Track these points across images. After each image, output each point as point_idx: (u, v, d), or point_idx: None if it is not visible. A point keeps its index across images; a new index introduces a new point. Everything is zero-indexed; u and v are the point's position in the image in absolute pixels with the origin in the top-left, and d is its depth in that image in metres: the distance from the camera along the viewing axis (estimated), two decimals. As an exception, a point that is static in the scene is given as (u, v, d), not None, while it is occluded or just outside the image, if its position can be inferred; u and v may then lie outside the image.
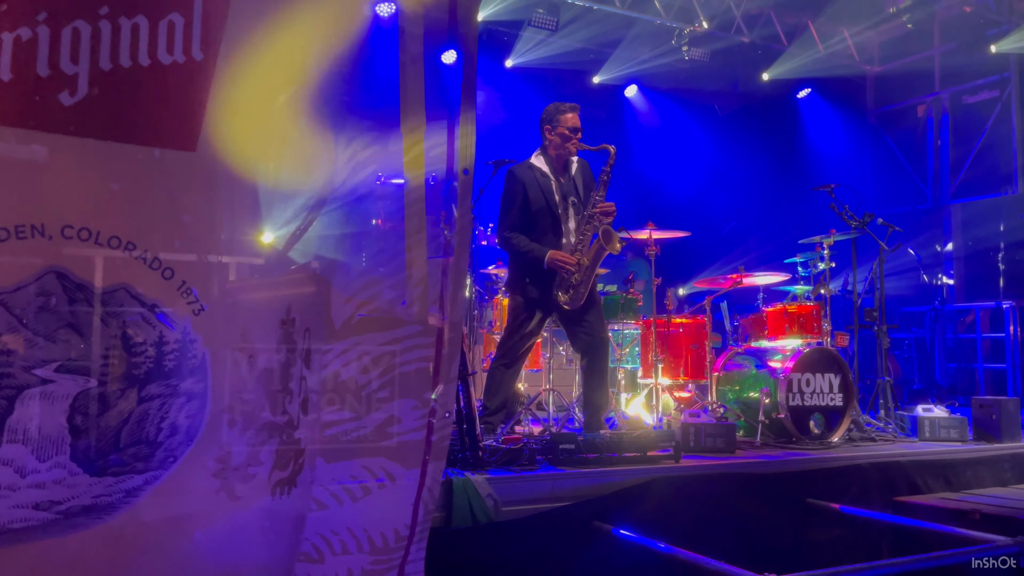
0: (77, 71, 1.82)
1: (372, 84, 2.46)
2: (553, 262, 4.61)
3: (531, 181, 4.75)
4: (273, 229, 2.44)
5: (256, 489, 2.13)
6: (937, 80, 10.62)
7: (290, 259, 2.39)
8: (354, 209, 2.45)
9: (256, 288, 2.15)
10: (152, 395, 1.95)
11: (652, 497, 3.98)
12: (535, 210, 4.73)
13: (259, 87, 2.12)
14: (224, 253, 2.08)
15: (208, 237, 2.05)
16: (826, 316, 5.90)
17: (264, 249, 2.23)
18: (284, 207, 2.22)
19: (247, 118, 2.10)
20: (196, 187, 2.01)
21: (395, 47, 2.90)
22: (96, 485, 1.93)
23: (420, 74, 2.92)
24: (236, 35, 2.03)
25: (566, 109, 4.83)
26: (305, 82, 2.21)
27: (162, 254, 1.95)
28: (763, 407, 5.24)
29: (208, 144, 2.00)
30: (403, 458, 2.34)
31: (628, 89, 10.97)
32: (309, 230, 2.62)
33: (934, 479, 4.81)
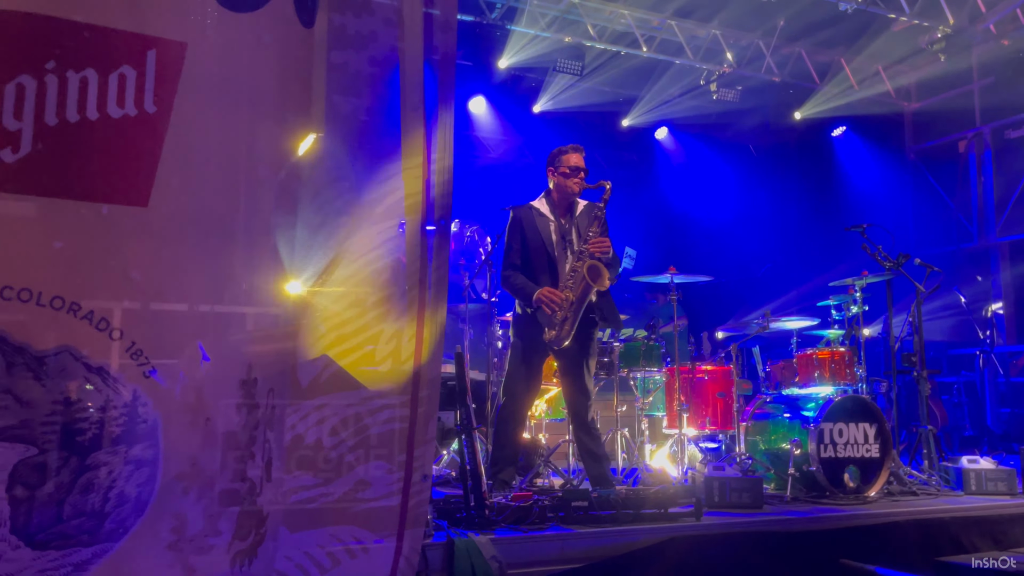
0: (20, 127, 1.77)
1: (346, 129, 2.39)
2: (540, 299, 4.57)
3: (529, 221, 4.77)
4: (239, 280, 2.35)
5: (214, 561, 2.01)
6: (978, 115, 10.33)
7: (258, 311, 2.29)
8: (326, 257, 2.36)
9: (214, 346, 2.05)
10: (98, 463, 1.85)
11: (670, 558, 3.76)
12: (532, 249, 4.74)
13: (216, 139, 2.05)
14: (180, 307, 1.99)
15: (160, 293, 1.97)
16: (860, 362, 5.63)
17: (227, 301, 2.14)
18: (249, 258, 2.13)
19: (205, 170, 2.03)
20: (147, 242, 1.94)
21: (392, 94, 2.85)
22: (40, 559, 1.83)
23: (420, 120, 2.85)
24: (193, 86, 1.96)
25: (568, 150, 4.85)
26: (270, 128, 2.14)
27: (110, 314, 1.86)
28: (793, 459, 4.98)
29: (161, 198, 1.93)
30: (375, 525, 2.20)
31: (658, 131, 10.88)
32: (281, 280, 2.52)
33: (980, 537, 4.48)
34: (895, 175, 11.16)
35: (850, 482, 5.00)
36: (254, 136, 2.12)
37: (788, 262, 10.37)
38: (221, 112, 2.05)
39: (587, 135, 10.59)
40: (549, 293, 4.56)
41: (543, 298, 4.55)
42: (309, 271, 2.43)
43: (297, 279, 2.34)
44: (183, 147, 1.96)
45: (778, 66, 9.97)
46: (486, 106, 9.92)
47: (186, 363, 1.99)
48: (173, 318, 1.98)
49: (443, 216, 2.41)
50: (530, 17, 8.75)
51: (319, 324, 2.22)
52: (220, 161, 2.05)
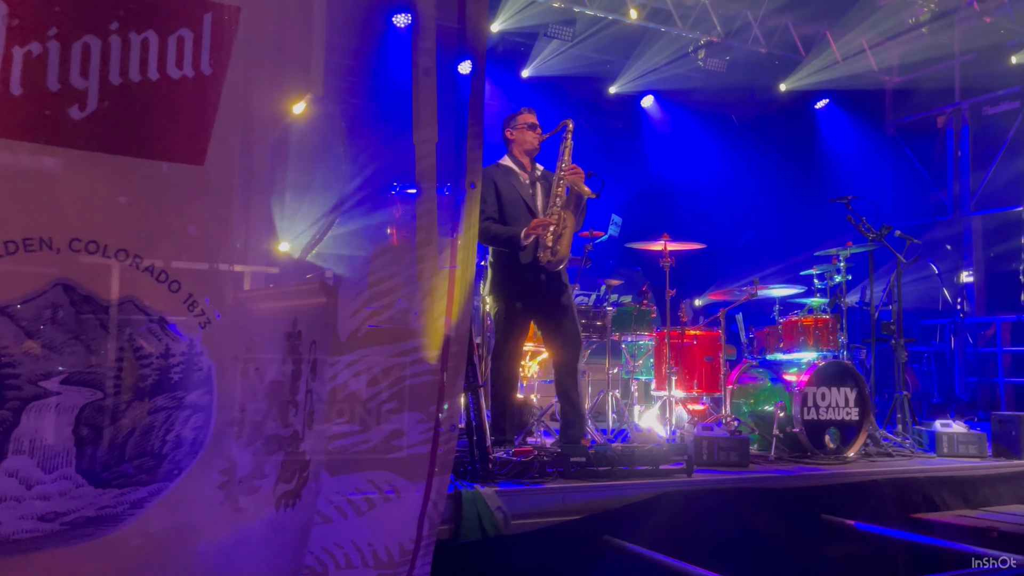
0: (87, 86, 1.84)
1: (386, 94, 2.47)
2: (531, 229, 4.68)
3: (500, 176, 4.90)
4: (286, 239, 2.45)
5: (260, 501, 2.13)
6: (957, 91, 10.52)
7: (303, 268, 2.40)
8: (366, 219, 2.46)
9: (262, 301, 2.15)
10: (158, 407, 1.96)
11: (664, 511, 3.94)
12: (507, 200, 4.85)
13: (269, 100, 2.13)
14: (232, 264, 2.09)
15: (216, 249, 2.06)
16: (842, 329, 5.84)
17: (275, 259, 2.24)
18: (295, 218, 2.23)
19: (257, 131, 2.11)
20: (204, 200, 2.03)
21: (410, 57, 2.91)
22: (101, 497, 1.94)
23: (432, 85, 2.92)
24: (246, 49, 2.04)
25: (522, 111, 5.06)
26: (317, 93, 2.22)
27: (170, 266, 1.96)
28: (777, 421, 5.19)
29: (216, 157, 2.01)
30: (409, 471, 2.34)
31: (645, 99, 10.94)
32: (322, 241, 2.63)
33: (952, 496, 4.74)
34: (875, 148, 11.36)
35: (831, 443, 5.23)
36: (303, 98, 2.20)
37: (769, 231, 10.57)
38: (272, 75, 2.13)
39: (574, 101, 10.63)
40: (536, 222, 4.70)
41: (533, 228, 4.67)
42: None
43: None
44: (237, 108, 2.04)
45: (765, 37, 10.06)
46: (475, 70, 9.91)
47: (238, 316, 2.09)
48: (227, 273, 2.08)
49: (474, 179, 2.52)
50: (523, -19, 8.75)
51: (356, 283, 2.33)
52: (271, 123, 2.14)
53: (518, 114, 5.04)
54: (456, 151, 2.59)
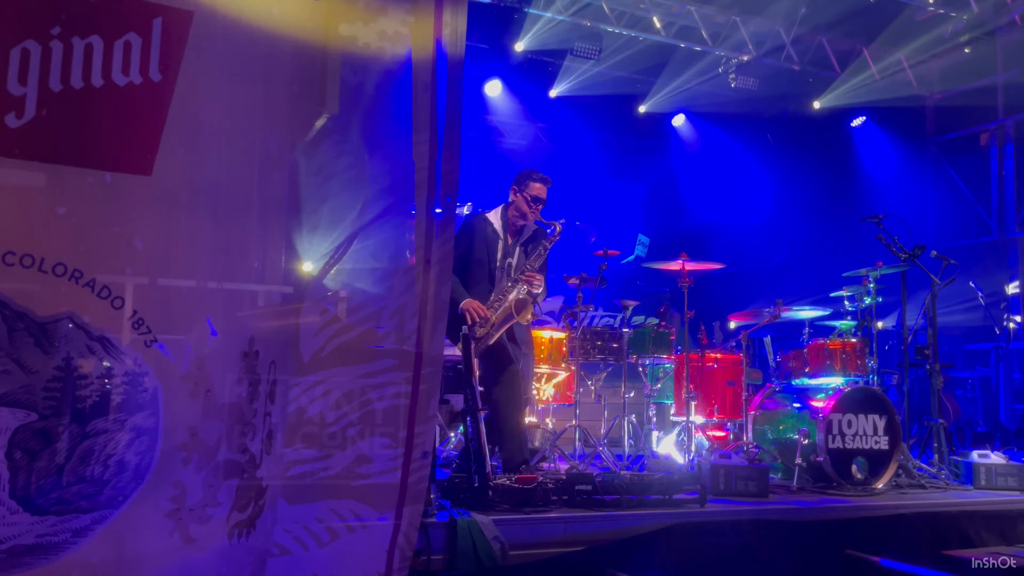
0: (25, 92, 1.77)
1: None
2: (466, 309, 4.69)
3: (480, 233, 4.93)
4: (252, 254, 2.35)
5: (213, 531, 2.01)
6: (1000, 108, 10.17)
7: (270, 284, 2.30)
8: (324, 236, 2.35)
9: (216, 318, 2.05)
10: (98, 430, 1.86)
11: (673, 544, 3.75)
12: (475, 259, 4.89)
13: (223, 111, 2.04)
14: (183, 279, 1.99)
15: (163, 264, 1.96)
16: (872, 353, 5.58)
17: (233, 274, 2.14)
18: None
19: (210, 143, 2.02)
20: (151, 211, 1.93)
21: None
22: (39, 524, 1.84)
23: (430, 102, 2.83)
24: (198, 56, 1.95)
25: (537, 179, 4.97)
26: (272, 103, 2.13)
27: (112, 282, 1.86)
28: (801, 449, 4.95)
29: (166, 167, 1.92)
30: (375, 500, 2.20)
31: (676, 118, 10.79)
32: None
33: (988, 532, 4.45)
34: (914, 166, 11.02)
35: (858, 473, 4.97)
36: (262, 109, 2.11)
37: (803, 252, 10.29)
38: (228, 84, 2.04)
39: (604, 121, 10.53)
40: (476, 307, 4.70)
41: (469, 308, 4.69)
42: (317, 250, 2.43)
43: (305, 257, 2.34)
44: (189, 117, 1.96)
45: (798, 54, 9.85)
46: (502, 89, 9.85)
47: (187, 334, 1.99)
48: (175, 289, 1.98)
49: (449, 193, 2.40)
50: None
51: (322, 299, 2.22)
52: (227, 134, 2.04)
53: (532, 179, 4.96)
54: (436, 164, 2.48)
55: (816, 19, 9.52)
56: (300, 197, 2.34)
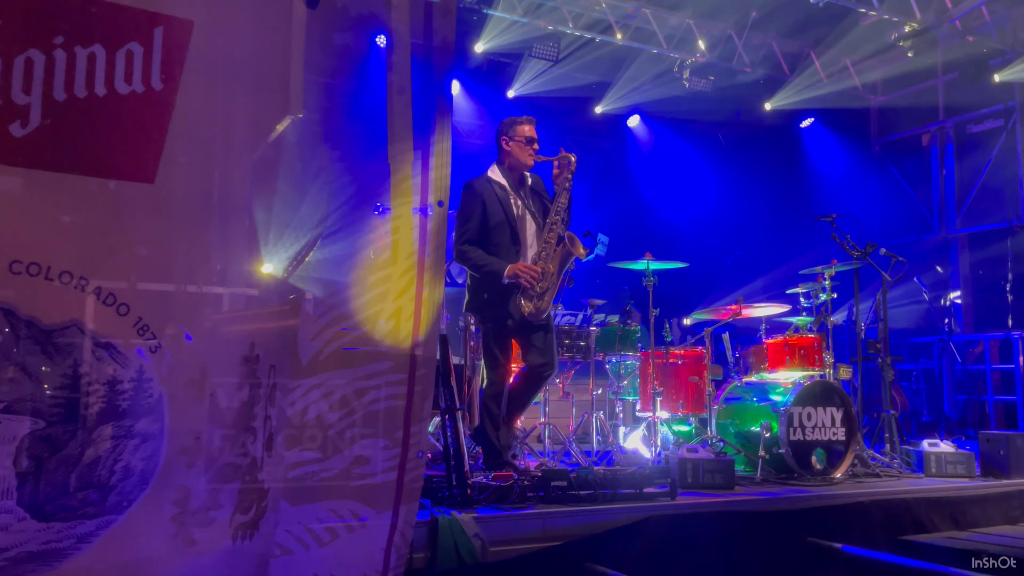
0: (29, 102, 1.77)
1: (369, 114, 2.42)
2: (516, 274, 4.49)
3: (490, 195, 4.65)
4: (247, 260, 2.38)
5: (216, 533, 2.04)
6: (941, 110, 10.57)
7: (269, 290, 2.33)
8: (330, 241, 2.39)
9: (217, 323, 2.08)
10: (104, 436, 1.87)
11: (647, 536, 3.85)
12: (493, 224, 4.63)
13: (223, 119, 2.06)
14: (186, 286, 2.01)
15: (168, 271, 1.98)
16: (828, 348, 5.78)
17: (232, 280, 2.17)
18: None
19: (210, 150, 2.04)
20: (154, 219, 1.95)
21: (381, 76, 2.86)
22: (45, 531, 1.85)
23: (407, 104, 2.87)
24: (199, 64, 1.98)
25: (522, 120, 4.76)
26: (296, 113, 2.16)
27: (116, 289, 1.88)
28: (763, 441, 5.11)
29: (168, 175, 1.94)
30: (373, 500, 2.25)
31: (631, 119, 10.96)
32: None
33: (940, 517, 4.66)
34: (860, 167, 11.39)
35: (817, 464, 5.15)
36: (259, 117, 2.14)
37: (756, 250, 10.55)
38: (228, 92, 2.06)
39: (560, 121, 10.65)
40: (524, 268, 4.50)
41: (519, 273, 4.49)
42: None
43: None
44: (190, 125, 1.98)
45: (749, 57, 10.10)
46: (460, 91, 9.91)
47: (191, 340, 2.01)
48: (178, 294, 2.00)
49: (441, 198, 2.45)
50: (507, 2, 8.76)
51: (319, 303, 2.26)
52: (226, 141, 2.07)
53: (517, 122, 4.73)
54: (424, 168, 2.53)
55: (766, 23, 9.78)
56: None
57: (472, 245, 4.64)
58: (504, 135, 4.77)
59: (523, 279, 4.48)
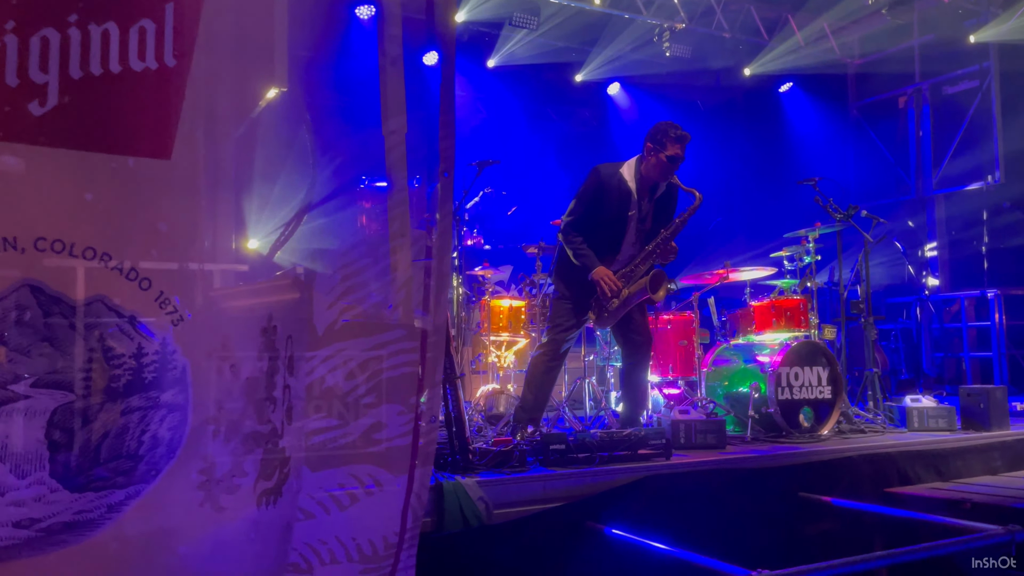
0: (47, 80, 1.79)
1: (353, 86, 2.44)
2: (599, 279, 4.54)
3: (612, 188, 4.62)
4: (256, 235, 2.42)
5: (241, 500, 2.10)
6: (918, 72, 10.68)
7: (275, 265, 2.37)
8: (337, 213, 2.43)
9: (236, 297, 2.12)
10: (132, 408, 1.92)
11: (644, 495, 3.97)
12: (604, 218, 4.62)
13: (235, 94, 2.09)
14: (204, 261, 2.05)
15: (186, 245, 2.02)
16: (813, 309, 5.91)
17: (246, 256, 2.21)
18: (264, 213, 2.19)
19: (224, 124, 2.07)
20: (172, 195, 1.98)
21: (375, 48, 2.87)
22: (77, 501, 1.90)
23: (400, 75, 2.89)
24: (210, 40, 2.00)
25: (675, 137, 4.64)
26: (282, 86, 2.18)
27: (139, 264, 1.91)
28: (752, 402, 5.24)
29: (183, 151, 1.97)
30: (390, 464, 2.32)
31: (611, 87, 10.97)
32: (291, 237, 2.59)
33: (924, 469, 4.83)
34: (838, 130, 11.50)
35: (805, 422, 5.29)
36: (268, 91, 2.16)
37: (739, 215, 10.66)
38: (238, 66, 2.08)
39: (540, 90, 10.63)
40: (608, 280, 4.52)
41: (601, 280, 4.52)
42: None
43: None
44: (204, 101, 2.00)
45: (728, 22, 10.12)
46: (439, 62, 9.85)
47: (211, 312, 2.05)
48: (198, 269, 2.04)
49: (447, 168, 2.49)
50: (486, -30, 8.71)
51: (332, 275, 2.30)
52: (239, 116, 2.09)
53: (671, 137, 4.63)
54: (428, 141, 2.56)
55: (745, -13, 9.82)
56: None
57: (578, 228, 4.64)
58: (653, 142, 4.67)
59: (601, 288, 4.54)
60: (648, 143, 4.69)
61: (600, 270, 4.54)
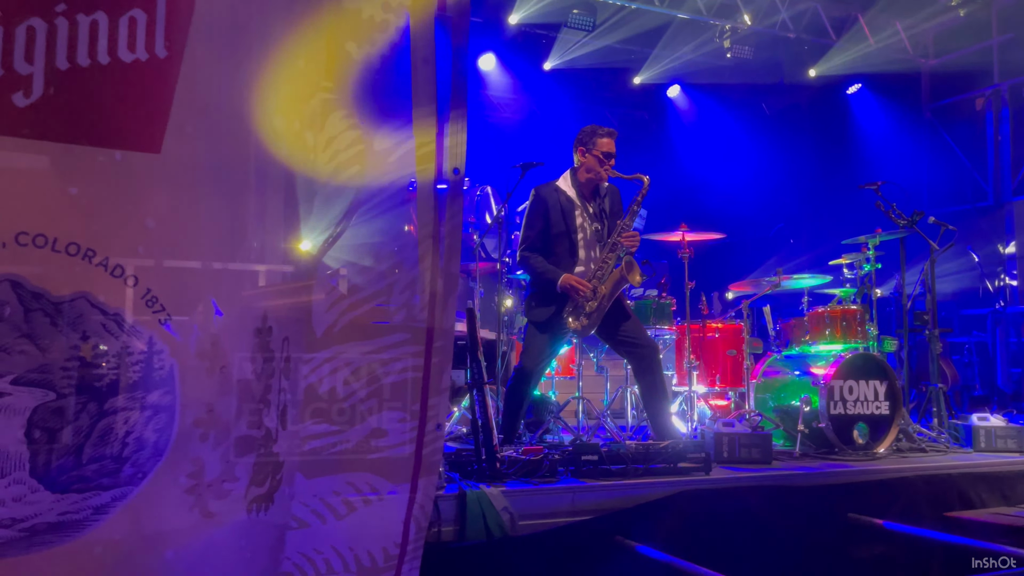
0: (32, 71, 1.75)
1: (373, 82, 2.37)
2: (567, 286, 4.52)
3: (554, 203, 4.67)
4: (266, 234, 2.35)
5: (231, 506, 2.03)
6: (996, 72, 10.14)
7: (281, 264, 2.31)
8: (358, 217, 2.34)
9: (228, 295, 2.05)
10: (116, 408, 1.87)
11: (679, 511, 3.79)
12: (554, 233, 4.66)
13: (230, 87, 2.03)
14: (195, 258, 1.99)
15: (175, 242, 1.97)
16: (872, 320, 5.61)
17: (245, 253, 2.14)
18: (265, 211, 2.13)
19: (216, 118, 2.01)
20: (161, 190, 1.93)
21: (401, 45, 2.80)
22: (60, 502, 1.86)
23: (432, 74, 2.81)
24: (203, 31, 1.94)
25: (603, 133, 4.71)
26: (278, 78, 2.11)
27: (125, 261, 1.86)
28: (803, 415, 4.99)
29: (174, 145, 1.92)
30: (390, 473, 2.22)
31: (671, 89, 10.75)
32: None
33: (989, 493, 4.51)
34: (910, 133, 11.01)
35: (859, 439, 5.02)
36: (266, 85, 2.10)
37: (800, 221, 10.31)
38: (234, 58, 2.02)
39: (598, 93, 10.49)
40: (577, 282, 4.51)
41: (569, 286, 4.50)
42: (320, 227, 2.43)
43: (308, 235, 2.34)
44: (196, 94, 1.95)
45: (793, 21, 9.80)
46: (496, 63, 9.79)
47: (201, 312, 1.99)
48: (187, 267, 1.99)
49: (456, 167, 2.39)
50: (541, -30, 8.62)
51: (333, 275, 2.23)
52: (234, 110, 2.03)
53: (597, 134, 4.71)
54: (441, 136, 2.47)
55: (811, -15, 9.48)
56: (302, 175, 2.33)
57: (534, 252, 4.66)
58: (582, 145, 4.75)
59: (573, 294, 4.51)
60: (579, 147, 4.78)
61: (565, 276, 4.54)
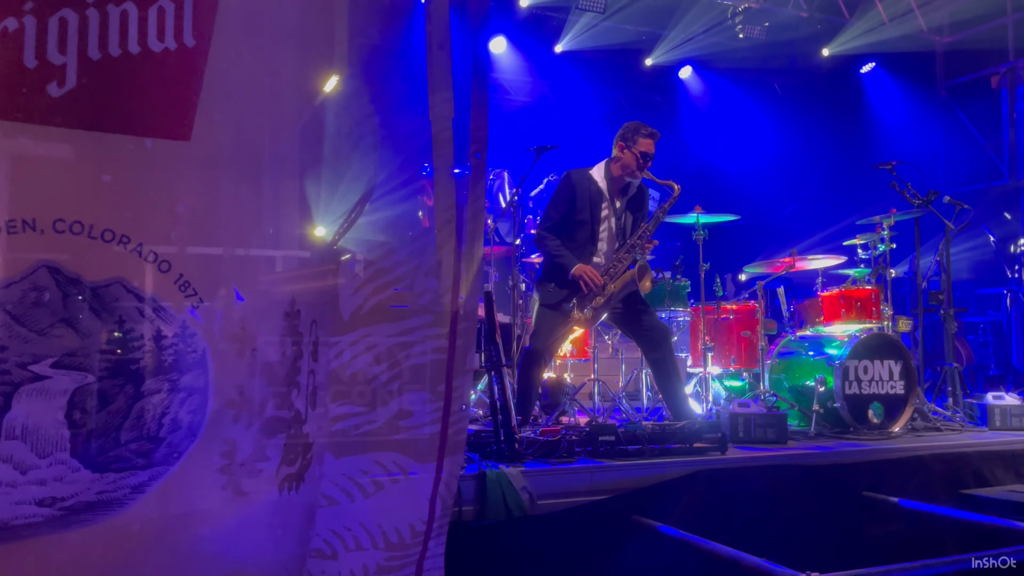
0: (65, 61, 1.79)
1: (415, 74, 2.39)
2: (580, 276, 4.55)
3: (583, 191, 4.69)
4: (290, 220, 2.39)
5: (263, 485, 2.09)
6: (1011, 49, 10.05)
7: (305, 249, 2.35)
8: (377, 202, 2.38)
9: (258, 280, 2.10)
10: (152, 390, 1.92)
11: (696, 490, 3.84)
12: (577, 220, 4.68)
13: (255, 74, 2.06)
14: (226, 243, 2.04)
15: (205, 228, 2.01)
16: (886, 300, 5.62)
17: (272, 238, 2.18)
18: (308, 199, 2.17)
19: (245, 105, 2.05)
20: (191, 177, 1.97)
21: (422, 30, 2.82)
22: (99, 481, 1.91)
23: (447, 60, 2.82)
24: (228, 18, 1.97)
25: (646, 134, 4.71)
26: (306, 67, 2.15)
27: (157, 247, 1.91)
28: (818, 396, 5.02)
29: (203, 132, 1.95)
30: (417, 452, 2.27)
31: (682, 70, 10.70)
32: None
33: (1003, 471, 4.54)
34: (925, 112, 10.94)
35: (874, 418, 5.04)
36: (288, 71, 2.13)
37: (814, 202, 10.28)
38: (257, 46, 2.06)
39: (610, 75, 10.45)
40: (591, 274, 4.53)
41: (583, 276, 4.53)
42: (338, 213, 2.46)
43: (327, 220, 2.38)
44: (223, 81, 1.98)
45: (806, 0, 9.73)
46: (507, 46, 9.77)
47: (231, 296, 2.04)
48: (218, 252, 2.03)
49: (479, 150, 2.42)
50: (552, -49, 8.59)
51: (351, 260, 2.27)
52: (260, 97, 2.07)
53: (641, 134, 4.69)
54: (463, 124, 2.50)
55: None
56: (318, 160, 2.37)
57: (552, 233, 4.69)
58: (623, 140, 4.74)
59: (584, 285, 4.54)
60: (620, 141, 4.76)
61: (580, 266, 4.57)
